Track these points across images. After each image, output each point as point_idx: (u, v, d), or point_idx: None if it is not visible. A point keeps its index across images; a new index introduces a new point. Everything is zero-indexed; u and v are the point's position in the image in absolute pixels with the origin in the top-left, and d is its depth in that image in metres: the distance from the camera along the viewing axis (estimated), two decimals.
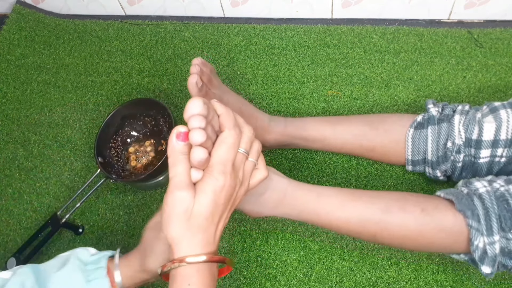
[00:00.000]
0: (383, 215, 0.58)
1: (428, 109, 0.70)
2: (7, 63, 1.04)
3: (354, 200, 0.59)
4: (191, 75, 0.65)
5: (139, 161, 0.85)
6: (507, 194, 0.55)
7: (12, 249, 0.81)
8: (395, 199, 0.59)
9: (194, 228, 0.46)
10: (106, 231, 0.81)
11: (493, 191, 0.56)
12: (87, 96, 0.97)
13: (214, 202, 0.46)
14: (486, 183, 0.58)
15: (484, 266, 0.55)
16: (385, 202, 0.59)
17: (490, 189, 0.56)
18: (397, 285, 0.69)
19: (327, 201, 0.60)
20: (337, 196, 0.60)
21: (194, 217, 0.45)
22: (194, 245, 0.46)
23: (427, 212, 0.57)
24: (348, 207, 0.59)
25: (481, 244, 0.55)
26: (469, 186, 0.58)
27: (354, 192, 0.61)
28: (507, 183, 0.57)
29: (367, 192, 0.61)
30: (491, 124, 0.62)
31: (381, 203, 0.59)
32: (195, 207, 0.45)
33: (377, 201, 0.59)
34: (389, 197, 0.60)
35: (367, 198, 0.60)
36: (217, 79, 0.73)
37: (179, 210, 0.45)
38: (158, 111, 0.83)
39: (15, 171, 0.90)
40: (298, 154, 0.83)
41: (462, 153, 0.65)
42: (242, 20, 1.02)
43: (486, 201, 0.55)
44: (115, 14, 1.08)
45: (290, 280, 0.72)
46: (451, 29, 0.92)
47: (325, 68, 0.92)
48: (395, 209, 0.58)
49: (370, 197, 0.60)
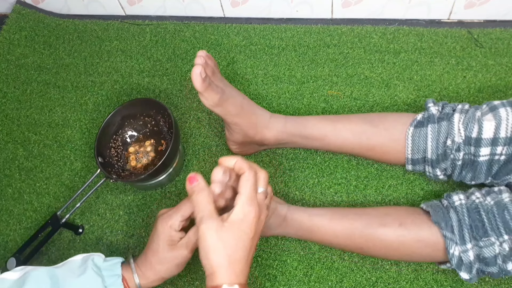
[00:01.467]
0: (365, 229, 0.66)
1: (428, 108, 0.70)
2: (7, 63, 1.04)
3: (340, 218, 0.68)
4: (195, 65, 0.64)
5: (139, 161, 0.85)
6: (480, 206, 0.62)
7: (12, 249, 0.81)
8: (376, 216, 0.67)
9: (231, 258, 0.51)
10: (106, 231, 0.81)
11: (469, 203, 0.63)
12: (87, 96, 0.97)
13: (246, 234, 0.52)
14: (463, 196, 0.65)
15: (462, 273, 0.62)
16: (367, 218, 0.67)
17: (465, 202, 0.64)
18: (397, 285, 0.69)
19: (318, 219, 0.69)
20: (326, 215, 0.69)
21: (230, 247, 0.51)
22: (229, 273, 0.51)
23: (405, 226, 0.64)
24: (335, 224, 0.68)
25: (456, 252, 0.61)
26: (448, 200, 0.66)
27: (342, 210, 0.70)
28: (485, 195, 0.64)
29: (353, 210, 0.70)
30: (490, 122, 0.62)
31: (363, 220, 0.67)
32: (229, 239, 0.51)
33: (360, 218, 0.67)
34: (372, 213, 0.68)
35: (352, 215, 0.68)
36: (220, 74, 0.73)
37: (213, 240, 0.51)
38: (158, 111, 0.83)
39: (15, 171, 0.90)
40: (298, 154, 0.83)
41: (462, 151, 0.65)
42: (242, 20, 1.02)
43: (459, 213, 0.62)
44: (115, 14, 1.08)
45: (290, 280, 0.72)
46: (451, 29, 0.92)
47: (325, 68, 0.92)
48: (375, 224, 0.66)
49: (355, 214, 0.68)
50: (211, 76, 0.67)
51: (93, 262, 0.60)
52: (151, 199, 0.83)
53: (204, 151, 0.86)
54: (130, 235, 0.80)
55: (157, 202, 0.83)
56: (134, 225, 0.81)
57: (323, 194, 0.79)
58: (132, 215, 0.82)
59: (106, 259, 0.62)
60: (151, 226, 0.80)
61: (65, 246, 0.80)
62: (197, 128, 0.89)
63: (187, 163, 0.86)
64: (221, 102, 0.69)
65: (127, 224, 0.81)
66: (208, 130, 0.89)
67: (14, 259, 0.75)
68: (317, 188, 0.79)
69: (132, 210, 0.82)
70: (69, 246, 0.80)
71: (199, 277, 0.74)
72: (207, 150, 0.86)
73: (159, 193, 0.83)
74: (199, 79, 0.64)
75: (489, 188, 0.65)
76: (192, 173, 0.56)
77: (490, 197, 0.63)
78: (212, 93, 0.67)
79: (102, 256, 0.62)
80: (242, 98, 0.73)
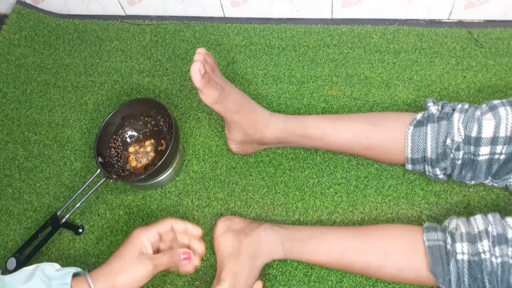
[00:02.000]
0: (363, 270, 0.66)
1: (428, 108, 0.70)
2: (7, 63, 1.04)
3: (336, 256, 0.66)
4: (194, 62, 0.64)
5: (139, 161, 0.85)
6: (484, 265, 0.57)
7: (12, 249, 0.81)
8: (375, 256, 0.64)
9: None
10: (106, 231, 0.81)
11: (473, 255, 0.58)
12: (87, 96, 0.97)
13: None
14: (467, 247, 0.58)
15: None
16: (366, 256, 0.65)
17: (467, 256, 0.58)
18: (397, 285, 0.69)
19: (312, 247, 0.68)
20: (313, 238, 0.68)
21: None
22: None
23: (403, 271, 0.62)
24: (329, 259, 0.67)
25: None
26: (453, 245, 0.59)
27: (335, 230, 0.69)
28: (494, 244, 0.57)
29: (352, 243, 0.66)
30: (490, 121, 0.62)
31: (362, 257, 0.65)
32: None
33: (356, 254, 0.65)
34: (371, 252, 0.65)
35: (351, 254, 0.65)
36: (219, 72, 0.73)
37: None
38: (158, 111, 0.83)
39: (15, 171, 0.90)
40: (298, 154, 0.83)
41: (462, 150, 0.65)
42: (242, 20, 1.02)
43: (459, 269, 0.58)
44: (115, 14, 1.08)
45: (290, 280, 0.72)
46: (451, 29, 0.92)
47: (325, 68, 0.92)
48: (374, 267, 0.64)
49: (354, 254, 0.65)
50: (210, 73, 0.67)
51: (42, 271, 0.58)
52: (151, 199, 0.83)
53: (204, 151, 0.86)
54: None
55: (157, 202, 0.83)
56: (134, 225, 0.81)
57: (323, 194, 0.79)
58: (132, 215, 0.82)
59: (59, 269, 0.59)
60: None
61: (65, 246, 0.80)
62: (197, 128, 0.89)
63: (187, 163, 0.86)
64: (221, 99, 0.69)
65: (127, 224, 0.81)
66: (208, 130, 0.89)
67: (14, 259, 0.75)
68: (317, 188, 0.79)
69: (132, 210, 0.82)
70: (69, 246, 0.80)
71: (199, 277, 0.74)
72: (207, 150, 0.86)
73: (159, 193, 0.83)
74: (198, 75, 0.64)
75: (501, 232, 0.58)
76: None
77: (499, 249, 0.57)
78: (212, 90, 0.67)
79: (55, 265, 0.60)
80: (241, 96, 0.73)
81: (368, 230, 0.67)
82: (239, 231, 0.69)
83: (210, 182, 0.83)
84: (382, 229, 0.67)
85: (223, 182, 0.83)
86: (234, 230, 0.69)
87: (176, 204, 0.82)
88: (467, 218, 0.63)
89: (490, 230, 0.58)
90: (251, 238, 0.68)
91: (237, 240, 0.67)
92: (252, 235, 0.68)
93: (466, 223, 0.62)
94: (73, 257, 0.79)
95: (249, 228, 0.70)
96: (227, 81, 0.72)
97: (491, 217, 0.60)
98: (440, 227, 0.64)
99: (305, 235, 0.68)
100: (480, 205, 0.74)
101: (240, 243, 0.67)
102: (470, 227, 0.61)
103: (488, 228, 0.59)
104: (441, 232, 0.62)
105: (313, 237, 0.68)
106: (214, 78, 0.68)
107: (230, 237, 0.68)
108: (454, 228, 0.62)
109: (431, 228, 0.63)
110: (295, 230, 0.70)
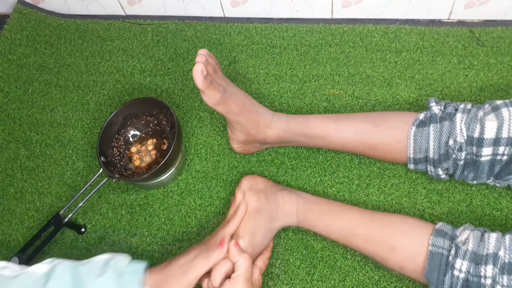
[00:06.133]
0: (369, 255, 0.68)
1: (431, 107, 0.70)
2: (8, 63, 1.04)
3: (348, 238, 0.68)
4: (196, 63, 0.64)
5: (141, 160, 0.85)
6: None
7: (15, 249, 0.81)
8: (383, 249, 0.65)
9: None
10: (109, 230, 0.81)
11: (473, 275, 0.56)
12: (89, 95, 0.97)
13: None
14: (466, 266, 0.56)
15: None
16: (374, 246, 0.66)
17: (463, 276, 0.56)
18: (400, 284, 0.70)
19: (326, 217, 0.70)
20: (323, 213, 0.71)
21: None
22: None
23: (406, 269, 0.63)
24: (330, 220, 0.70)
25: None
26: (454, 259, 0.58)
27: (349, 212, 0.70)
28: (502, 272, 0.54)
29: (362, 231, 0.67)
30: (493, 122, 0.62)
31: (370, 246, 0.66)
32: None
33: (366, 244, 0.67)
34: (378, 248, 0.66)
35: (360, 242, 0.67)
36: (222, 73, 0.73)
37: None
38: (160, 111, 0.83)
39: (17, 171, 0.90)
40: (300, 153, 0.83)
41: (464, 151, 0.65)
42: (242, 20, 1.02)
43: (453, 284, 0.57)
44: (115, 14, 1.08)
45: (293, 279, 0.72)
46: (453, 28, 0.92)
47: (327, 67, 0.92)
48: (378, 257, 0.66)
49: (365, 241, 0.67)
50: (212, 74, 0.67)
51: (115, 265, 0.58)
52: (154, 199, 0.83)
53: (206, 151, 0.86)
54: (132, 235, 0.80)
55: (159, 201, 0.83)
56: (136, 225, 0.81)
57: (325, 193, 0.79)
58: (134, 214, 0.82)
59: (129, 263, 0.60)
60: (153, 225, 0.80)
61: (67, 246, 0.81)
62: (199, 127, 0.89)
63: (189, 162, 0.86)
64: (223, 100, 0.69)
65: (130, 223, 0.81)
66: (210, 130, 0.89)
67: (17, 258, 0.75)
68: (319, 187, 0.79)
69: (135, 210, 0.82)
70: (72, 245, 0.80)
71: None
72: (209, 150, 0.86)
73: (161, 193, 0.83)
74: (201, 76, 0.64)
75: (504, 262, 0.54)
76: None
77: (508, 279, 0.53)
78: (214, 91, 0.67)
79: (126, 259, 0.60)
80: (244, 96, 0.73)
81: (380, 220, 0.67)
82: (260, 192, 0.72)
83: (212, 182, 0.83)
84: (394, 224, 0.66)
85: (226, 181, 0.83)
86: (256, 189, 0.72)
87: (179, 203, 0.82)
88: (482, 233, 0.60)
89: (502, 255, 0.55)
90: (270, 202, 0.71)
91: (257, 201, 0.70)
92: (271, 199, 0.72)
93: (478, 239, 0.58)
94: (75, 256, 0.79)
95: (269, 191, 0.73)
96: (229, 82, 0.72)
97: (508, 239, 0.56)
98: (451, 234, 0.61)
99: (320, 209, 0.71)
100: (482, 204, 0.74)
101: (260, 204, 0.70)
102: (481, 245, 0.57)
103: (499, 252, 0.55)
104: (449, 240, 0.60)
105: (327, 213, 0.70)
106: (216, 79, 0.68)
107: (252, 196, 0.71)
108: (462, 242, 0.59)
109: (441, 233, 0.61)
110: (311, 202, 0.72)
